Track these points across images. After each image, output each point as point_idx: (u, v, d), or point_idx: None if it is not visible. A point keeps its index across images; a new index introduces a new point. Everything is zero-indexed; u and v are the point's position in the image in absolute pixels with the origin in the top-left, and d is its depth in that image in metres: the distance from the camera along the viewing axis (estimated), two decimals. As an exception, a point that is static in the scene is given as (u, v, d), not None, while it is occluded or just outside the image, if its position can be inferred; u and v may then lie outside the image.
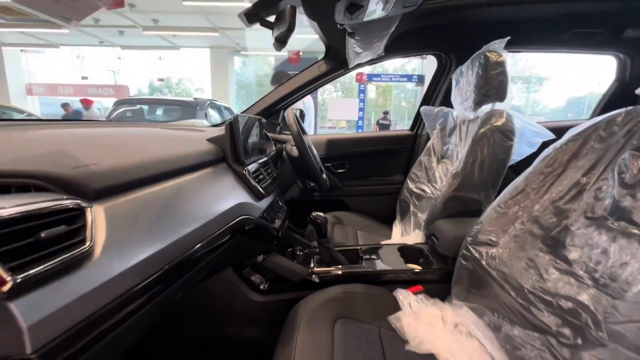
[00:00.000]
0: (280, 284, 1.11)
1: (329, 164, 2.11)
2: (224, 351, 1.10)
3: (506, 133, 1.29)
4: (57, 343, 0.36)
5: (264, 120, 1.44)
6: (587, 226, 0.75)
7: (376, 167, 2.14)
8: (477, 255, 0.96)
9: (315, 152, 1.59)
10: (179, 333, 1.10)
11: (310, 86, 1.82)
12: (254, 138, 1.22)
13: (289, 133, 1.39)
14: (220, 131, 1.04)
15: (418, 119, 2.09)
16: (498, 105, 1.43)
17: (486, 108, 1.44)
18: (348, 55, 1.49)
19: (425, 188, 1.74)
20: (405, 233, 1.71)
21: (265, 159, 1.29)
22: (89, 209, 0.44)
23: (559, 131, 1.12)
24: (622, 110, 0.79)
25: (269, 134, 1.69)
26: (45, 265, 0.36)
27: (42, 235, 0.36)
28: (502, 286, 0.85)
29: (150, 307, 0.53)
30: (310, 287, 1.07)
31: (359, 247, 1.30)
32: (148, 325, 0.60)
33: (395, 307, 0.99)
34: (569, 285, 0.72)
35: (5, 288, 0.32)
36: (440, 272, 1.12)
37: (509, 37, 1.37)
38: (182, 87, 18.57)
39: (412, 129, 2.16)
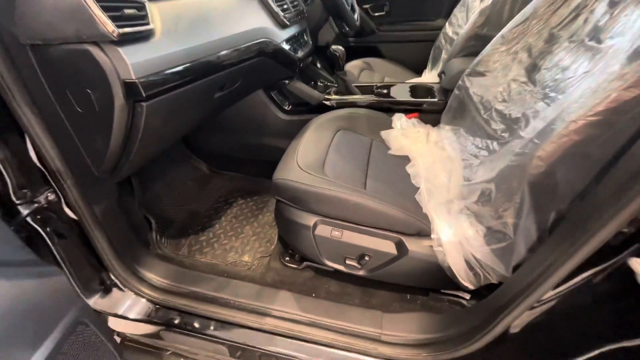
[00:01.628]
0: (301, 107, 1.38)
1: (366, 6, 2.03)
2: (263, 154, 1.49)
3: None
4: (153, 81, 0.65)
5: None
6: (564, 49, 0.82)
7: (418, 9, 2.02)
8: (468, 85, 1.08)
9: (346, -13, 1.56)
10: (234, 139, 1.49)
11: None
12: (282, -33, 1.26)
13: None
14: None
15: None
16: None
17: None
18: None
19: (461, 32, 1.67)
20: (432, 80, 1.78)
21: (293, -9, 1.35)
22: (146, 2, 0.66)
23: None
24: None
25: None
26: (132, 29, 0.61)
27: (126, 11, 0.60)
28: (477, 108, 1.01)
29: (202, 86, 0.82)
30: (325, 111, 1.31)
31: (374, 84, 1.46)
32: (204, 105, 0.92)
33: (390, 128, 1.21)
34: (526, 101, 0.85)
35: (116, 35, 0.58)
36: (439, 105, 1.27)
37: None
38: None
39: (466, -40, 1.87)
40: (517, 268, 0.72)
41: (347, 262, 0.90)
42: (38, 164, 0.70)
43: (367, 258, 0.87)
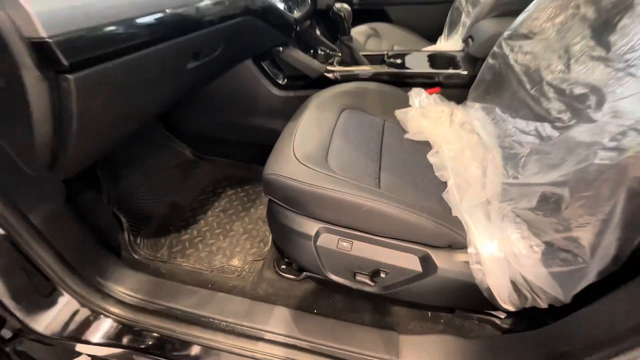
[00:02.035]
0: (298, 80, 1.16)
1: (373, -39, 1.74)
2: (255, 136, 1.28)
3: None
4: (76, 37, 0.44)
5: None
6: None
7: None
8: (507, 51, 0.86)
9: None
10: (220, 119, 1.27)
11: None
12: None
13: None
14: None
15: None
16: None
17: None
18: None
19: (486, -11, 1.41)
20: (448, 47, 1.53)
21: None
22: None
23: None
24: None
25: None
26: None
27: None
28: (521, 81, 0.79)
29: (166, 51, 0.60)
30: (327, 85, 1.09)
31: (385, 52, 1.22)
32: (175, 79, 0.70)
33: (406, 106, 1.00)
34: (594, 71, 0.64)
35: None
36: (465, 77, 1.05)
37: None
38: None
39: None
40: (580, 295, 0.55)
41: (358, 278, 0.72)
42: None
43: (382, 275, 0.69)
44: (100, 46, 0.49)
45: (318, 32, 1.44)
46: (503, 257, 0.61)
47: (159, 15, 0.58)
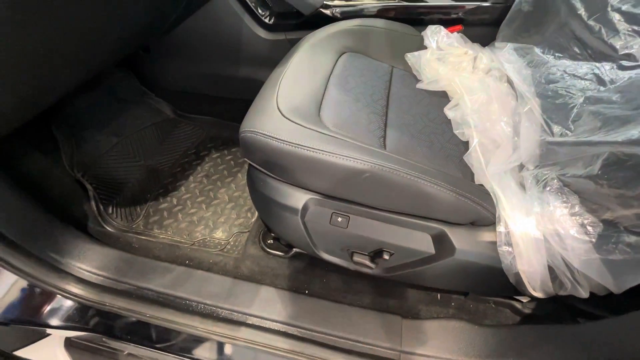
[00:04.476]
0: (289, 19, 0.95)
1: None
2: (241, 89, 1.11)
3: None
4: None
5: None
6: None
7: None
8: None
9: None
10: (200, 69, 1.10)
11: None
12: None
13: None
14: None
15: None
16: None
17: None
18: None
19: None
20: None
21: None
22: None
23: None
24: None
25: None
26: None
27: None
28: (572, 7, 0.61)
29: None
30: (324, 24, 0.89)
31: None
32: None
33: (421, 48, 0.81)
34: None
35: None
36: (494, 10, 0.85)
37: None
38: None
39: None
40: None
41: (356, 258, 0.60)
42: None
43: (386, 257, 0.56)
44: None
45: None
46: (542, 238, 0.47)
47: None
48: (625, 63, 0.50)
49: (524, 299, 0.68)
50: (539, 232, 0.48)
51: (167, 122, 1.20)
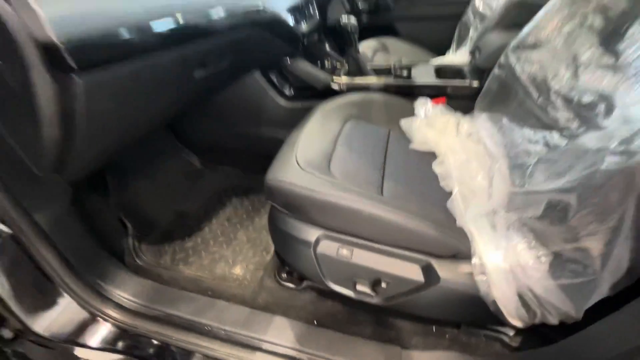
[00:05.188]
0: (305, 91, 1.17)
1: (382, -22, 1.78)
2: (262, 146, 1.29)
3: None
4: (83, 40, 0.46)
5: None
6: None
7: (441, -19, 1.76)
8: (513, 62, 0.85)
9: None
10: (228, 129, 1.30)
11: None
12: None
13: None
14: None
15: None
16: None
17: None
18: None
19: (495, 4, 1.42)
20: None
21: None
22: None
23: None
24: None
25: None
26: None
27: None
28: (528, 91, 0.78)
29: (173, 58, 0.62)
30: (333, 96, 1.10)
31: (392, 64, 1.23)
32: (181, 86, 0.72)
33: (412, 116, 1.00)
34: (603, 79, 0.62)
35: None
36: (472, 88, 1.05)
37: None
38: None
39: None
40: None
41: (358, 287, 0.70)
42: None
43: (383, 285, 0.67)
44: (109, 49, 0.51)
45: (327, 45, 1.47)
46: (509, 268, 0.58)
47: (168, 20, 0.60)
48: (565, 133, 0.66)
49: (511, 332, 0.75)
50: (506, 263, 0.59)
51: (195, 171, 1.38)
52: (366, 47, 1.64)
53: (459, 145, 0.87)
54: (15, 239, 0.64)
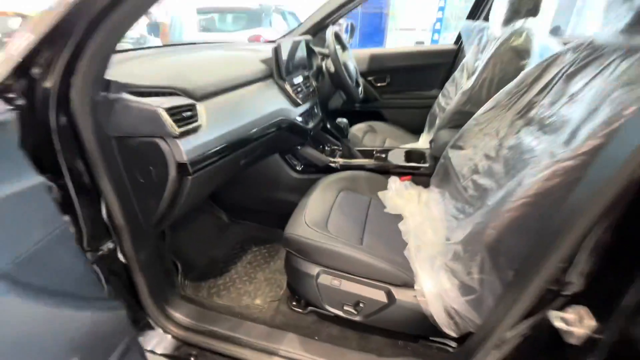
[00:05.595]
0: (311, 167, 1.60)
1: (370, 78, 2.34)
2: (276, 206, 1.69)
3: (521, 53, 1.41)
4: (197, 161, 0.89)
5: (309, 38, 1.75)
6: (522, 133, 1.02)
7: (415, 81, 2.31)
8: (450, 155, 1.28)
9: (351, 67, 1.86)
10: (251, 192, 1.71)
11: (352, 3, 1.96)
12: (299, 55, 1.57)
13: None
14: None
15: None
16: (531, 21, 1.48)
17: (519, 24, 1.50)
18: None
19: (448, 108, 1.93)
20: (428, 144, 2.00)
21: (306, 74, 1.65)
22: (197, 104, 0.92)
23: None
24: (582, 39, 0.93)
25: (318, 48, 1.97)
26: (186, 127, 0.85)
27: (183, 114, 0.85)
28: (457, 177, 1.20)
29: (232, 158, 1.05)
30: (331, 172, 1.53)
31: (374, 148, 1.68)
32: (231, 170, 1.15)
33: (386, 189, 1.41)
34: (493, 175, 1.03)
35: (177, 133, 0.82)
36: (429, 169, 1.47)
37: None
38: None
39: (456, 42, 2.19)
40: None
41: (345, 308, 1.04)
42: (107, 220, 0.91)
43: (361, 305, 1.01)
44: (208, 160, 0.93)
45: (328, 125, 1.94)
46: (437, 292, 0.93)
47: (234, 140, 1.04)
48: (474, 206, 1.05)
49: (454, 344, 1.06)
50: (436, 289, 0.94)
51: (223, 225, 1.76)
52: (358, 129, 2.13)
53: (418, 211, 1.26)
54: (126, 268, 1.00)
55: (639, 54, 0.70)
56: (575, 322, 0.58)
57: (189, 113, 0.88)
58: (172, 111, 0.83)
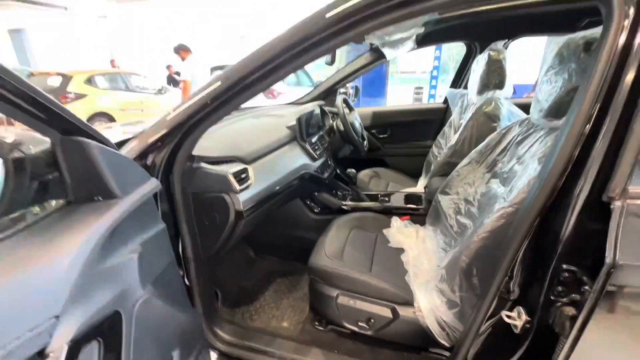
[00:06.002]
0: (326, 209, 1.93)
1: (374, 130, 2.74)
2: (297, 243, 1.99)
3: (492, 117, 1.78)
4: (249, 208, 1.22)
5: (322, 103, 2.17)
6: (490, 184, 1.34)
7: (412, 133, 2.71)
8: (440, 199, 1.60)
9: (357, 124, 2.25)
10: (275, 230, 2.02)
11: (359, 72, 2.41)
12: (315, 120, 1.97)
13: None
14: (298, 112, 1.80)
15: (449, 95, 2.53)
16: (499, 92, 1.87)
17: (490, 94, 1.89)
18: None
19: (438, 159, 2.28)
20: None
21: (321, 133, 2.04)
22: (248, 168, 1.27)
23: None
24: (526, 117, 1.29)
25: (328, 108, 2.38)
26: (243, 185, 1.20)
27: (242, 176, 1.20)
28: (445, 216, 1.51)
29: (267, 206, 1.39)
30: (343, 213, 1.85)
31: (379, 193, 2.02)
32: (266, 213, 1.48)
33: (389, 226, 1.71)
34: (470, 216, 1.34)
35: (239, 190, 1.17)
36: (424, 210, 1.79)
37: (507, 39, 1.77)
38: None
39: (444, 102, 2.61)
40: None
41: (359, 324, 1.30)
42: (180, 252, 1.23)
43: (372, 320, 1.28)
44: (256, 208, 1.27)
45: (338, 171, 2.29)
46: (431, 307, 1.20)
47: (271, 191, 1.38)
48: (457, 241, 1.34)
49: (447, 354, 1.30)
50: (429, 305, 1.21)
51: (251, 259, 2.05)
52: (364, 175, 2.48)
53: (416, 245, 1.56)
54: (188, 290, 1.30)
55: (554, 134, 1.04)
56: (516, 318, 0.86)
57: (244, 175, 1.23)
58: (236, 175, 1.18)
